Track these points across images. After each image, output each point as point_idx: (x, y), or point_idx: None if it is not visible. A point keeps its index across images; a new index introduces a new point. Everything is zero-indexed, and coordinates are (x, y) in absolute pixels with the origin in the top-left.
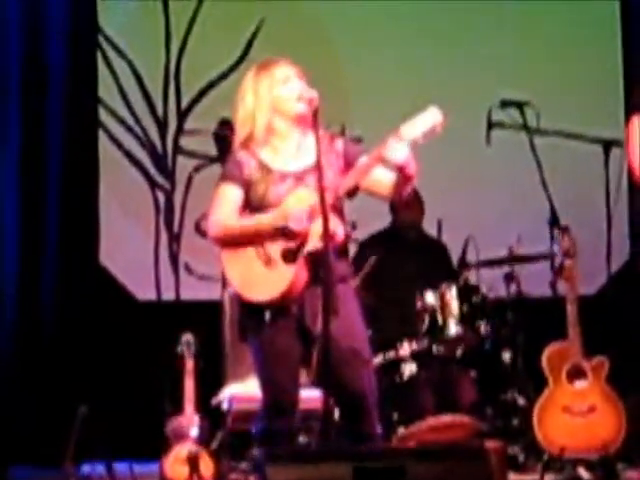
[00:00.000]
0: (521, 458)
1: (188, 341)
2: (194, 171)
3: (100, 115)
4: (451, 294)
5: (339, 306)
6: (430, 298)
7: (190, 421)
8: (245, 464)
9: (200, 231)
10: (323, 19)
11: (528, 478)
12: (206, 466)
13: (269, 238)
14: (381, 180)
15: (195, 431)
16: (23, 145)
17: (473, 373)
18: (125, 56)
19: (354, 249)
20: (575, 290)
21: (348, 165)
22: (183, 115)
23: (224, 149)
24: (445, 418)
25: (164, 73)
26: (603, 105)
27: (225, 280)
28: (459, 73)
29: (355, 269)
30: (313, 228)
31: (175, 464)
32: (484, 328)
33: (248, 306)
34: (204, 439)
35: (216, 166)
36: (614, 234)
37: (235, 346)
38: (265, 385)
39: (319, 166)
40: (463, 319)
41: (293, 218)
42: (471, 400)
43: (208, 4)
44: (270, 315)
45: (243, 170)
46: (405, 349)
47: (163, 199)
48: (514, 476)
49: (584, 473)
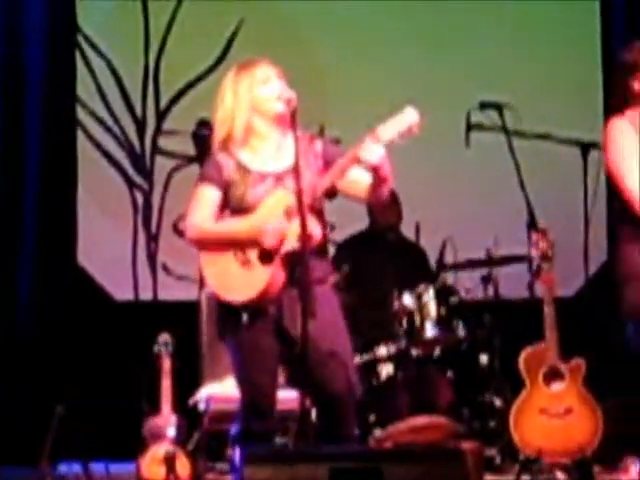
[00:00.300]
0: (498, 460)
1: (165, 341)
2: (173, 171)
3: (78, 114)
4: (428, 296)
5: (317, 307)
6: (407, 300)
7: (167, 421)
8: (222, 464)
9: (178, 231)
10: (302, 20)
11: None
12: (183, 466)
13: (245, 243)
14: (358, 181)
15: (172, 431)
16: (1, 144)
17: (450, 374)
18: (104, 56)
19: (332, 251)
20: (552, 292)
21: (327, 166)
22: (162, 115)
23: (203, 149)
24: (422, 419)
25: (143, 73)
26: (582, 107)
27: (203, 280)
28: (438, 74)
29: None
30: (290, 229)
31: (152, 464)
32: (461, 330)
33: (226, 307)
34: (181, 439)
35: (194, 166)
36: (592, 236)
37: (212, 346)
38: (243, 386)
39: (297, 167)
40: (440, 321)
41: (267, 235)
42: (448, 401)
43: (187, 4)
44: (247, 316)
45: (222, 172)
46: (382, 350)
47: (141, 199)
48: (490, 477)
49: (560, 475)
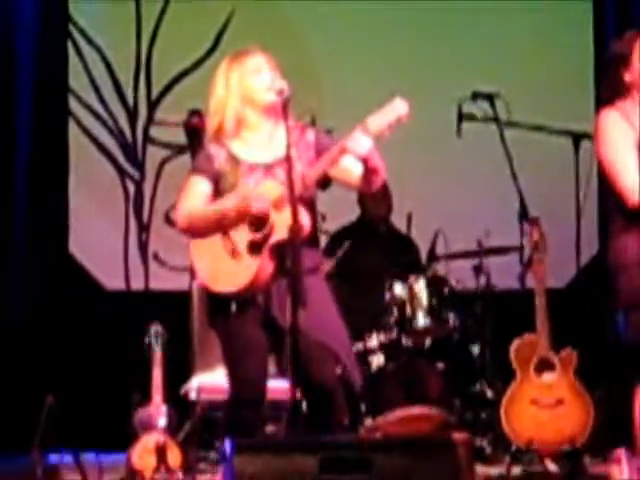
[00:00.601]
0: (488, 450)
1: (156, 331)
2: (164, 161)
3: (70, 104)
4: (420, 286)
5: (307, 298)
6: (399, 290)
7: (158, 411)
8: (213, 454)
9: (170, 221)
10: (294, 10)
11: (495, 470)
12: (174, 456)
13: (234, 224)
14: (350, 170)
15: (163, 421)
16: None
17: (441, 365)
18: (96, 46)
19: (324, 241)
20: (544, 283)
21: (319, 156)
22: (153, 105)
23: (194, 139)
24: (413, 410)
25: (135, 63)
26: (574, 98)
27: (194, 271)
28: (430, 65)
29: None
30: (279, 219)
31: (143, 454)
32: (452, 320)
33: (215, 297)
34: (172, 429)
35: (186, 156)
36: (584, 227)
37: (203, 336)
38: (233, 376)
39: (288, 157)
40: (431, 311)
41: (253, 200)
42: (439, 392)
43: None
44: (236, 306)
45: (213, 163)
46: (373, 341)
47: (133, 189)
48: (481, 468)
49: (551, 465)
